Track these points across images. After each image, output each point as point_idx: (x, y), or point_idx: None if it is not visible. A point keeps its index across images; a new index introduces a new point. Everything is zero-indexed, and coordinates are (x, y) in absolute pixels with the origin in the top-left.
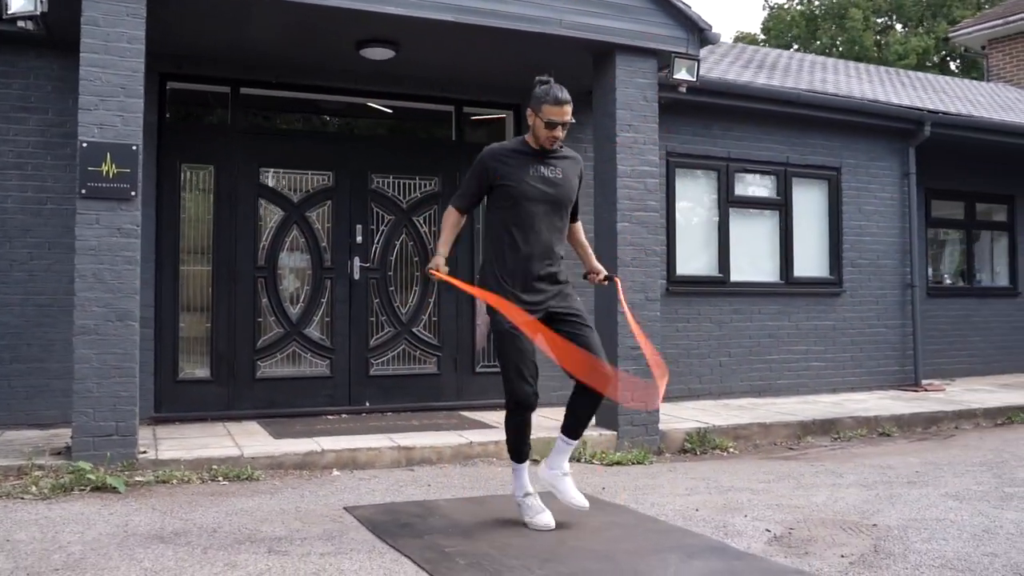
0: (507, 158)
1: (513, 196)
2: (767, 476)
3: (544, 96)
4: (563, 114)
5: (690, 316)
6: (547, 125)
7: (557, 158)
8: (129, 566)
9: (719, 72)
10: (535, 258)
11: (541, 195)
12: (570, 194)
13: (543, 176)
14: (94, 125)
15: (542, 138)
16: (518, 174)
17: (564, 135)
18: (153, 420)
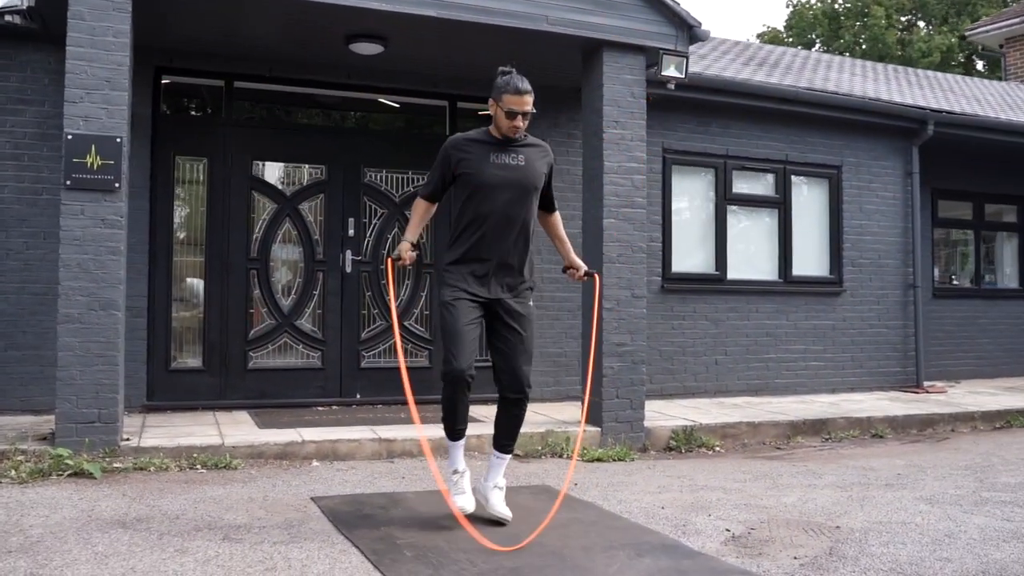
0: (469, 147)
1: (473, 184)
2: (744, 475)
3: (505, 86)
4: (523, 104)
5: (686, 314)
6: (508, 115)
7: (520, 146)
8: (81, 549)
9: (717, 69)
10: (494, 247)
11: (501, 181)
12: (534, 180)
13: (504, 163)
14: (79, 117)
15: (504, 128)
16: (479, 162)
17: (525, 124)
18: (145, 408)
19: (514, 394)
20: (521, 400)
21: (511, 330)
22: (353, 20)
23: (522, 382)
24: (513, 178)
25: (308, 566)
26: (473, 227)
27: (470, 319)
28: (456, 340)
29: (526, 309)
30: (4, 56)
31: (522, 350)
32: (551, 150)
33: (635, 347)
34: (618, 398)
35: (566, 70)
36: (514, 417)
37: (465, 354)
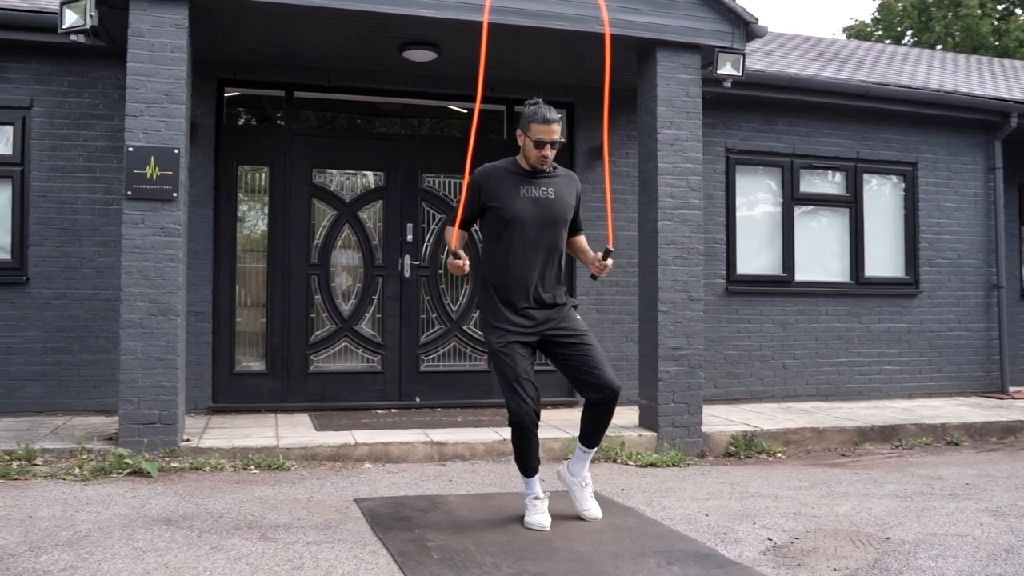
0: (499, 179)
1: (504, 218)
2: (801, 483)
3: (532, 116)
4: (551, 132)
5: (751, 316)
6: (536, 144)
7: (549, 178)
8: (123, 545)
9: (783, 66)
10: (527, 281)
11: (531, 216)
12: (563, 213)
13: (534, 197)
14: (139, 130)
15: (532, 158)
16: (508, 196)
17: (554, 154)
18: (210, 410)
19: (606, 396)
20: (612, 401)
21: (572, 346)
22: (404, 28)
23: (612, 384)
24: (543, 212)
25: (335, 566)
26: (504, 261)
27: (525, 361)
28: (520, 384)
29: (578, 323)
30: (77, 73)
31: (597, 358)
32: (577, 178)
33: (692, 351)
34: (674, 402)
35: (622, 71)
36: (605, 417)
37: (528, 398)
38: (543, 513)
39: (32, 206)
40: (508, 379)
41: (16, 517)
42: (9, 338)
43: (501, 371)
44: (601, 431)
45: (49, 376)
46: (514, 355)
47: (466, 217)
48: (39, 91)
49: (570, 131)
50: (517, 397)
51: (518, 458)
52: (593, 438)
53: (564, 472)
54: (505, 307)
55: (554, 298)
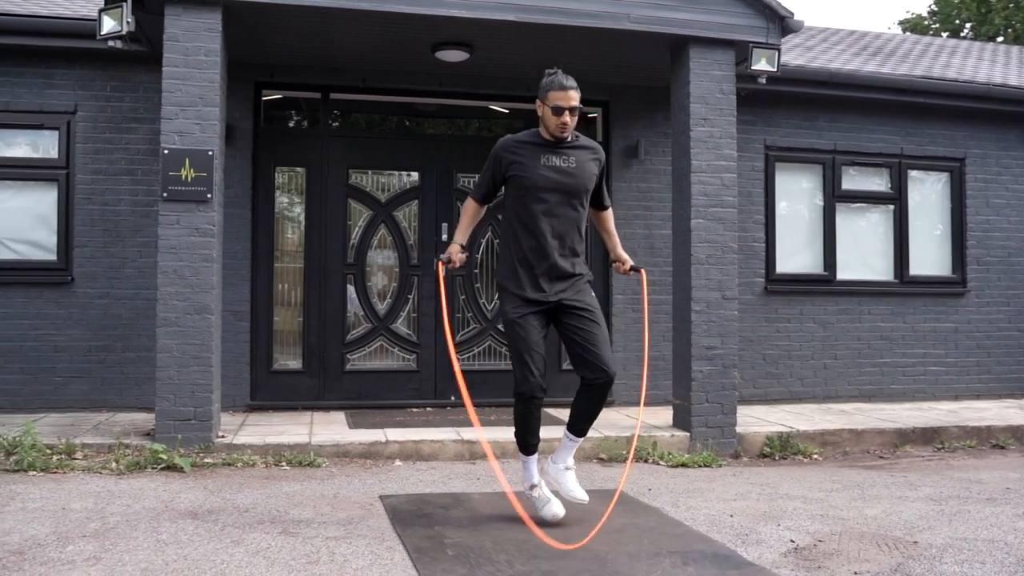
0: (519, 149)
1: (524, 186)
2: (834, 485)
3: (549, 84)
4: (568, 99)
5: (792, 316)
6: (554, 111)
7: (571, 147)
8: (147, 537)
9: (824, 61)
10: (546, 249)
11: (553, 184)
12: (585, 183)
13: (555, 166)
14: (175, 133)
15: (552, 126)
16: (529, 164)
17: (573, 122)
18: (248, 408)
19: (600, 377)
20: (607, 384)
21: (581, 319)
22: (436, 28)
23: (606, 363)
24: (564, 180)
25: (350, 561)
26: (525, 230)
27: (538, 333)
28: (530, 356)
29: (592, 300)
30: (119, 78)
31: (599, 338)
32: (601, 150)
33: (726, 350)
34: (708, 403)
35: (658, 68)
36: (596, 402)
37: (538, 370)
38: (551, 501)
39: (77, 208)
40: (520, 350)
41: (50, 509)
42: (55, 336)
43: (513, 341)
44: (590, 419)
45: (93, 373)
46: (528, 326)
47: (486, 190)
48: (83, 96)
49: (606, 130)
50: (526, 369)
51: (518, 432)
52: (580, 425)
53: (548, 463)
54: (524, 275)
55: (572, 268)
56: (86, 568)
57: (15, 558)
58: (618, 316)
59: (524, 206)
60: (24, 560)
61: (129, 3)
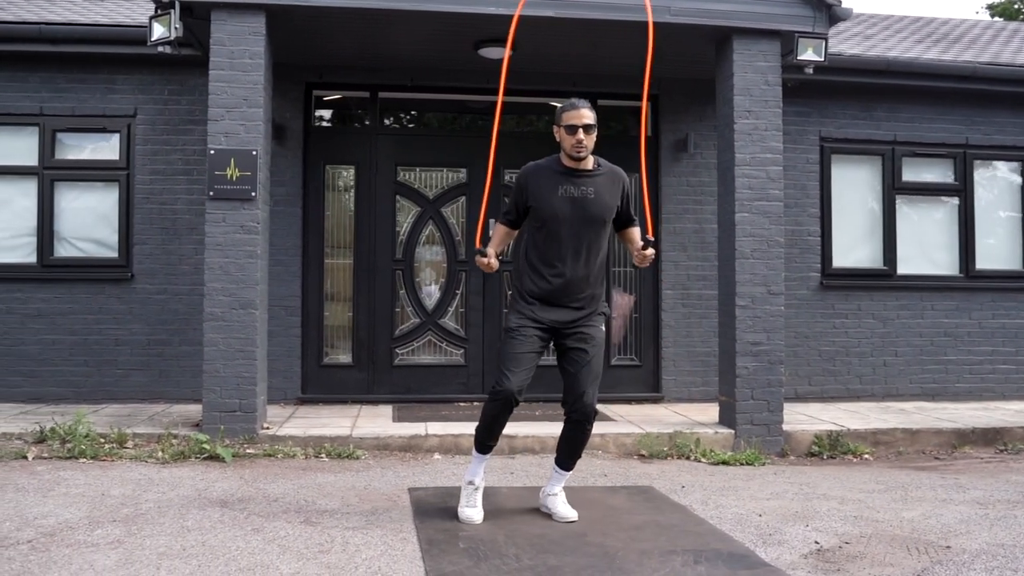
0: (539, 178)
1: (542, 217)
2: (877, 486)
3: (563, 108)
4: (581, 117)
5: (849, 312)
6: (568, 130)
7: (590, 176)
8: (172, 523)
9: (884, 49)
10: (561, 278)
11: (568, 215)
12: (602, 213)
13: (572, 196)
14: (221, 134)
15: (568, 146)
16: (547, 194)
17: (590, 141)
18: (299, 401)
19: (577, 416)
20: (583, 423)
21: (578, 352)
22: (478, 26)
23: (586, 405)
24: (580, 211)
25: (361, 550)
26: (541, 258)
27: (532, 348)
28: (513, 362)
29: (595, 331)
30: (176, 82)
31: (587, 372)
32: (623, 174)
33: (772, 347)
34: (753, 399)
35: (705, 61)
36: (576, 439)
37: (519, 377)
38: (474, 506)
39: (136, 207)
40: (505, 356)
41: (90, 494)
42: (117, 330)
43: (505, 348)
44: (574, 454)
45: (152, 366)
46: (521, 338)
47: (513, 216)
48: (143, 100)
49: (655, 123)
50: (505, 375)
51: (480, 429)
52: (565, 459)
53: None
54: (533, 300)
55: (586, 301)
56: (107, 551)
57: (45, 539)
58: (667, 311)
59: (541, 234)
60: (53, 541)
61: (177, 10)
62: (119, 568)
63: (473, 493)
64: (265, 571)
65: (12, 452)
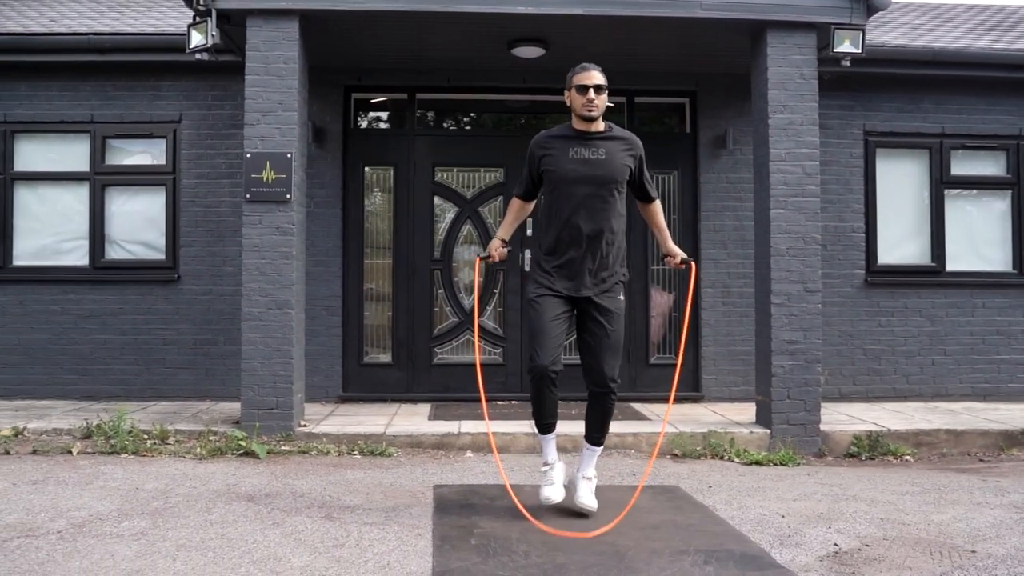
0: (550, 143)
1: (554, 180)
2: (912, 487)
3: (572, 72)
4: (591, 78)
5: (895, 310)
6: (579, 90)
7: (601, 138)
8: (197, 516)
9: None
10: (576, 242)
11: (580, 176)
12: (613, 173)
13: (583, 157)
14: (256, 138)
15: (578, 107)
16: (558, 157)
17: (601, 102)
18: (340, 399)
19: (598, 388)
20: (606, 394)
21: (597, 324)
22: (510, 26)
23: (605, 376)
24: (592, 172)
25: (374, 545)
26: (556, 223)
27: (554, 315)
28: (540, 336)
29: (614, 303)
30: (220, 88)
31: (607, 344)
32: (637, 140)
33: (808, 345)
34: (789, 399)
35: (744, 55)
36: (601, 411)
37: (548, 350)
38: (552, 484)
39: (182, 210)
40: (532, 329)
41: (125, 488)
42: (164, 330)
43: (529, 321)
44: (600, 428)
45: (198, 365)
46: (544, 306)
47: (526, 187)
48: (188, 106)
49: (693, 120)
50: (536, 347)
51: (534, 412)
52: (593, 435)
53: (574, 471)
54: (551, 266)
55: (604, 266)
56: (130, 542)
57: (74, 530)
58: (707, 310)
59: (554, 199)
60: (80, 532)
61: (213, 18)
62: (137, 558)
63: (548, 472)
64: (276, 563)
65: (59, 447)
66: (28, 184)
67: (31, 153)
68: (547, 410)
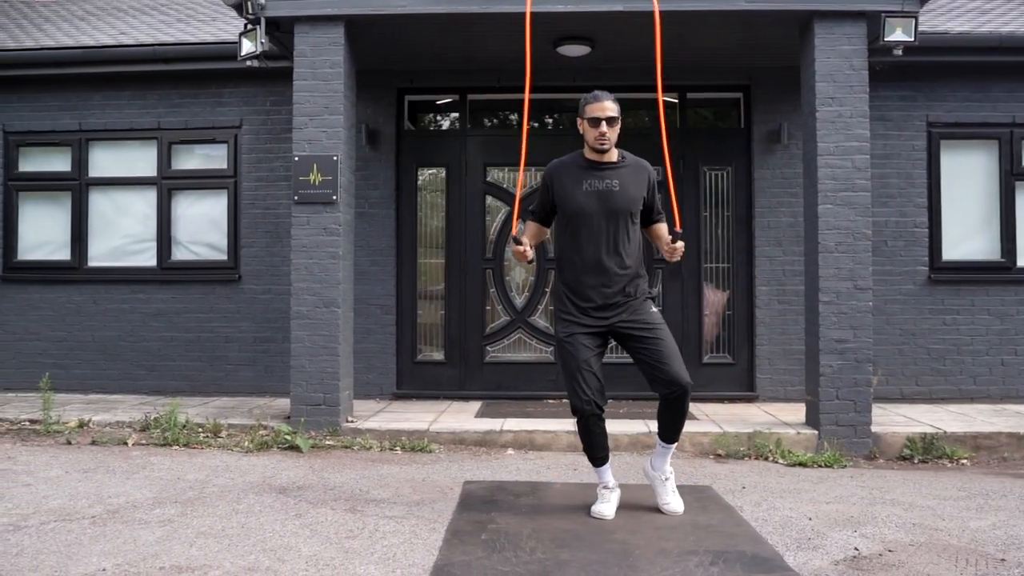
0: (564, 174)
1: (568, 213)
2: (958, 493)
3: (585, 100)
4: (604, 109)
5: (961, 307)
6: (591, 123)
7: (614, 168)
8: (225, 506)
9: (1000, 24)
10: (594, 273)
11: (594, 209)
12: (627, 204)
13: (597, 190)
14: (304, 141)
15: (591, 139)
16: (572, 189)
17: (613, 134)
18: (394, 396)
19: (674, 393)
20: (683, 395)
21: (644, 340)
22: (553, 25)
23: (678, 381)
24: (606, 204)
25: (387, 537)
26: (572, 254)
27: (589, 354)
28: (577, 376)
29: (651, 316)
30: (278, 93)
31: (666, 352)
32: (649, 167)
33: (859, 344)
34: (838, 399)
35: (796, 48)
36: (677, 413)
37: (589, 388)
38: (607, 502)
39: (243, 212)
40: (570, 369)
41: (167, 478)
42: (226, 328)
43: (564, 361)
44: (676, 427)
45: (258, 362)
46: (577, 346)
47: (542, 213)
48: (247, 111)
49: (747, 114)
50: (578, 388)
51: (585, 448)
52: (669, 434)
53: (647, 466)
54: (573, 300)
55: (624, 291)
56: (155, 528)
57: (107, 515)
58: (762, 308)
59: (569, 231)
60: (112, 517)
61: (262, 26)
62: (157, 543)
63: (606, 494)
64: (286, 552)
65: (116, 439)
66: (101, 189)
67: (104, 159)
68: (598, 445)
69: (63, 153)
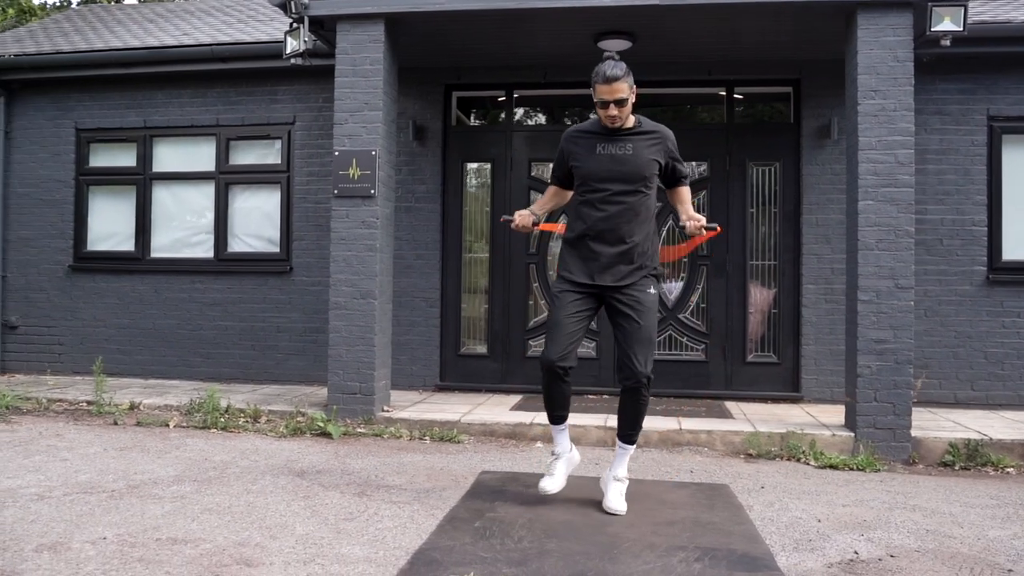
0: (579, 139)
1: (582, 176)
2: (989, 501)
3: (595, 76)
4: (612, 92)
5: (1022, 310)
6: (600, 105)
7: (630, 135)
8: (240, 485)
9: None
10: (602, 238)
11: (607, 173)
12: (640, 170)
13: (611, 154)
14: (344, 136)
15: (602, 118)
16: (585, 154)
17: (623, 113)
18: (437, 388)
19: (628, 382)
20: (637, 389)
21: (626, 316)
22: (593, 19)
23: (636, 370)
24: (619, 169)
25: (383, 520)
26: (582, 217)
27: (573, 311)
28: (553, 330)
29: (644, 296)
30: (328, 90)
31: (637, 337)
32: (666, 131)
33: (899, 345)
34: (876, 401)
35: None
36: (634, 407)
37: (559, 345)
38: (551, 476)
39: (295, 206)
40: (550, 323)
41: (195, 458)
42: (278, 318)
43: (549, 314)
44: (631, 424)
45: (307, 352)
46: (563, 301)
47: (559, 175)
48: (300, 108)
49: (797, 109)
50: (549, 343)
51: (545, 402)
52: (624, 431)
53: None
54: (573, 258)
55: (631, 260)
56: (166, 503)
57: (125, 490)
58: (808, 307)
59: (582, 194)
60: (130, 492)
61: (305, 25)
62: (163, 517)
63: (553, 463)
64: (280, 530)
65: (160, 421)
66: (164, 183)
67: (166, 155)
68: (557, 402)
69: (129, 149)
